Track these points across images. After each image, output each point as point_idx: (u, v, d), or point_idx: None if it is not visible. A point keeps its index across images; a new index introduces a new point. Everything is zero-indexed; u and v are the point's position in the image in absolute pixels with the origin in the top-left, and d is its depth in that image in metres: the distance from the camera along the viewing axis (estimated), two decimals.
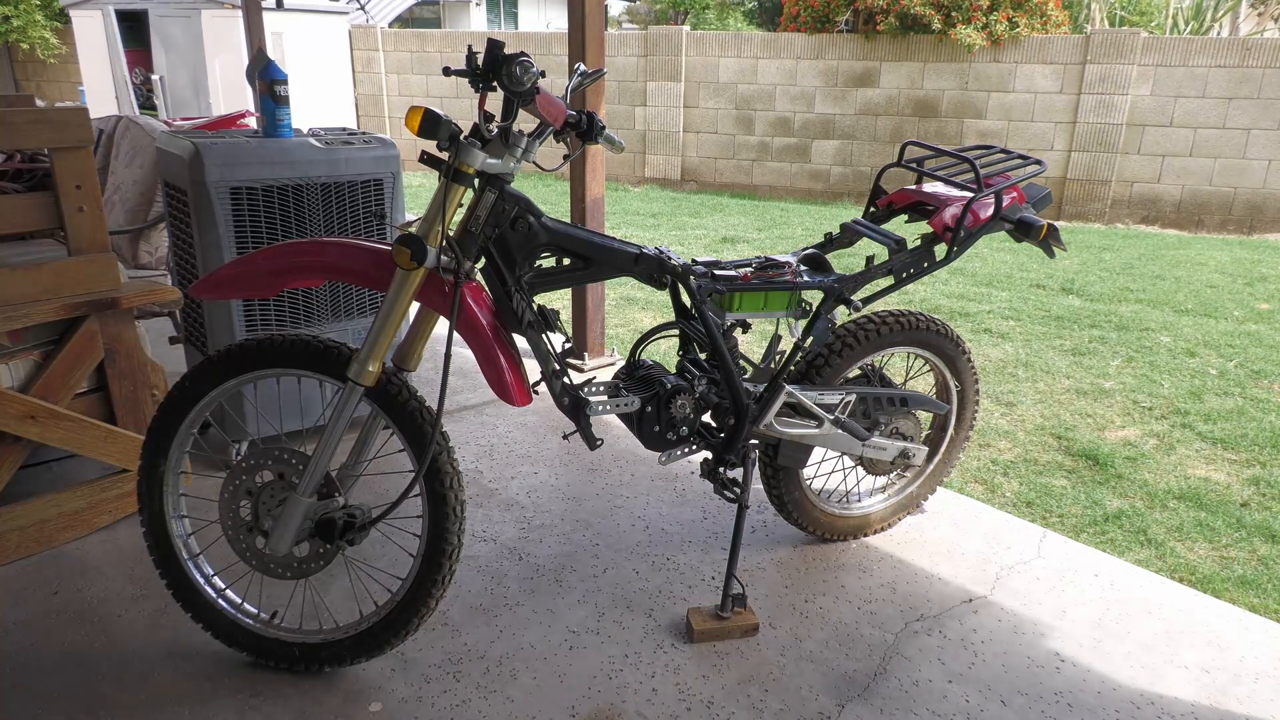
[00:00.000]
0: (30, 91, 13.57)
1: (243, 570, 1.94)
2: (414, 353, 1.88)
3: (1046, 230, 2.16)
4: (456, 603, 2.25)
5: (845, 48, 9.50)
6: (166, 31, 9.79)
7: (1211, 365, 4.56)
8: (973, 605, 2.29)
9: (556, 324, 1.94)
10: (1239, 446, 3.59)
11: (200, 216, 2.69)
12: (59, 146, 2.29)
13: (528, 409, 3.43)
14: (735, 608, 2.17)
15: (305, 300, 2.93)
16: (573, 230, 1.95)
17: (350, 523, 1.83)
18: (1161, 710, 1.95)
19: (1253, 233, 8.37)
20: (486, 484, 2.88)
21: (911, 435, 2.48)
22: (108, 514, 2.52)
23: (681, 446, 2.17)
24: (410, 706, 1.90)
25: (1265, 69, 7.97)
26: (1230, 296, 5.95)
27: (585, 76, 2.07)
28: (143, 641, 2.08)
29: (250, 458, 1.85)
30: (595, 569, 2.42)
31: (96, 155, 3.40)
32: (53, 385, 2.36)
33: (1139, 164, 8.62)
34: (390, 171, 3.00)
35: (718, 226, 8.02)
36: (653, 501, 2.79)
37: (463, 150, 1.73)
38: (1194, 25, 11.61)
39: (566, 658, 2.07)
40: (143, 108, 9.92)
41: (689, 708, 1.92)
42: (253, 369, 1.85)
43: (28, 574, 2.32)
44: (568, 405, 2.01)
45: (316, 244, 1.89)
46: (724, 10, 19.05)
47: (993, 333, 5.02)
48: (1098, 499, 3.12)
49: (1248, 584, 2.63)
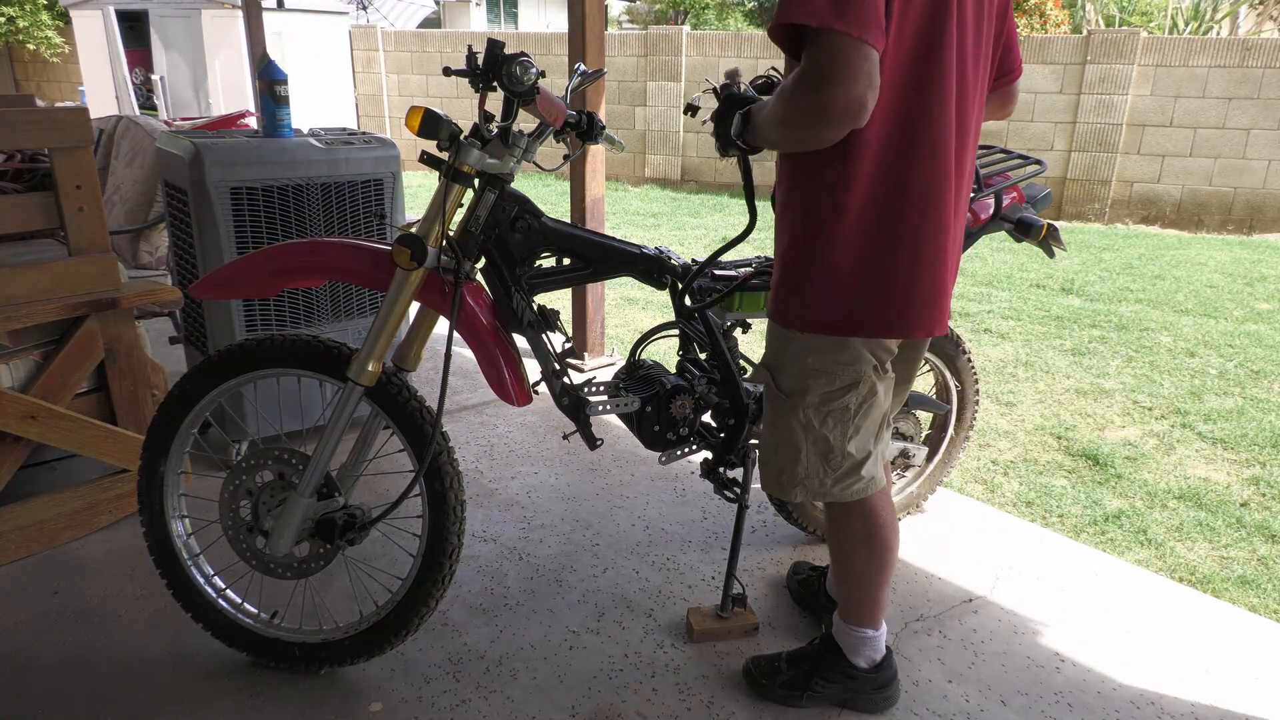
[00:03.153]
0: (30, 91, 13.56)
1: (243, 570, 1.94)
2: (414, 353, 1.88)
3: (1046, 230, 2.16)
4: (456, 603, 2.25)
5: None
6: (167, 31, 9.80)
7: (1211, 365, 4.56)
8: (973, 605, 2.29)
9: (556, 324, 1.94)
10: (1239, 446, 3.59)
11: (200, 216, 2.69)
12: (59, 146, 2.29)
13: (528, 409, 3.43)
14: (735, 608, 2.17)
15: (305, 300, 2.93)
16: (573, 230, 1.95)
17: (350, 523, 1.83)
18: (1161, 710, 1.95)
19: (1253, 233, 8.37)
20: (486, 484, 2.88)
21: (911, 435, 2.48)
22: (108, 514, 2.52)
23: (681, 446, 2.17)
24: (410, 706, 1.90)
25: (1265, 69, 7.97)
26: (1230, 296, 5.95)
27: (585, 76, 2.07)
28: (143, 641, 2.08)
29: (250, 458, 1.85)
30: (595, 569, 2.42)
31: (96, 155, 3.40)
32: (53, 385, 2.36)
33: (1139, 164, 8.62)
34: (390, 171, 3.00)
35: (718, 226, 8.02)
36: (653, 501, 2.79)
37: (463, 150, 1.73)
38: (1194, 26, 11.61)
39: (566, 658, 2.07)
40: (143, 108, 9.92)
41: (689, 708, 1.92)
42: (253, 369, 1.85)
43: (28, 574, 2.32)
44: (568, 405, 2.01)
45: (316, 244, 1.89)
46: (724, 10, 19.05)
47: (993, 333, 5.02)
48: (1097, 499, 3.12)
49: (1248, 584, 2.64)
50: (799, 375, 1.65)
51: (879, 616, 1.88)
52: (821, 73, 1.32)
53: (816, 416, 1.67)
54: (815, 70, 1.32)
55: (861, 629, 1.87)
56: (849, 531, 1.80)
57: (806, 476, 1.72)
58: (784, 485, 1.75)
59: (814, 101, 1.33)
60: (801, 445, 1.69)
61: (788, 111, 1.40)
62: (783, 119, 1.43)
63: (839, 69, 1.30)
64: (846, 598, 1.88)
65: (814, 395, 1.65)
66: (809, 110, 1.35)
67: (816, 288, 1.56)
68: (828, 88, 1.31)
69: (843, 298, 1.55)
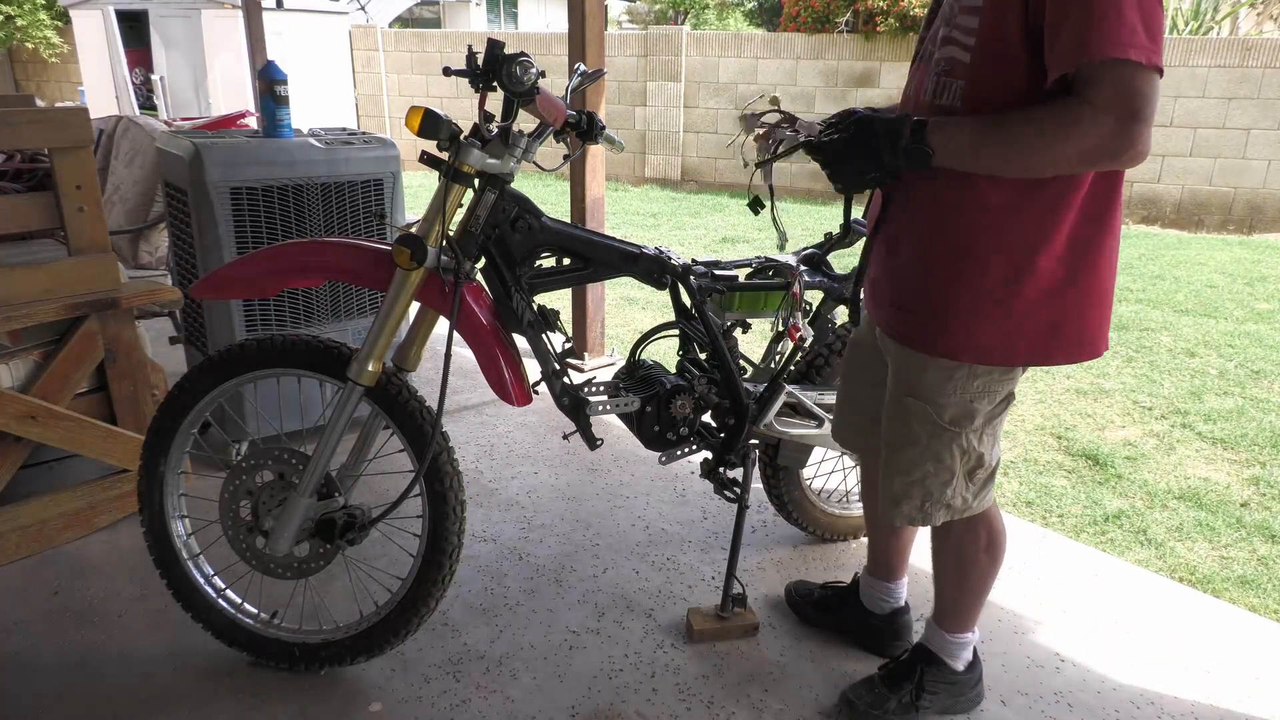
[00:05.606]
0: (30, 91, 13.56)
1: (243, 570, 1.94)
2: (414, 353, 1.88)
3: None
4: (456, 603, 2.25)
5: (845, 48, 9.50)
6: (167, 31, 9.79)
7: (1211, 365, 4.56)
8: None
9: (556, 324, 1.94)
10: (1239, 446, 3.59)
11: (200, 216, 2.69)
12: (59, 146, 2.29)
13: (528, 409, 3.42)
14: (735, 608, 2.17)
15: (305, 300, 2.93)
16: (573, 230, 1.95)
17: (350, 523, 1.83)
18: (1161, 710, 1.95)
19: (1253, 233, 8.37)
20: (486, 484, 2.88)
21: None
22: (108, 514, 2.52)
23: (681, 446, 2.17)
24: (410, 706, 1.90)
25: (1265, 69, 7.97)
26: (1230, 296, 5.95)
27: (585, 76, 2.07)
28: (143, 641, 2.08)
29: (250, 458, 1.85)
30: (595, 569, 2.42)
31: (96, 155, 3.40)
32: (53, 385, 2.35)
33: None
34: (390, 171, 2.99)
35: (718, 226, 8.02)
36: (653, 501, 2.78)
37: (463, 150, 1.72)
38: (1194, 26, 11.61)
39: (566, 658, 2.07)
40: (143, 108, 9.91)
41: (689, 708, 1.92)
42: (253, 369, 1.85)
43: (28, 574, 2.32)
44: (567, 405, 2.01)
45: (316, 244, 1.89)
46: (724, 10, 19.05)
47: None
48: (1098, 499, 3.12)
49: (1248, 584, 2.63)
50: (964, 402, 1.58)
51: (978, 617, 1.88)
52: (1133, 110, 1.26)
53: (977, 437, 1.62)
54: (1126, 106, 1.26)
55: (965, 634, 1.87)
56: (972, 542, 1.76)
57: (953, 497, 1.66)
58: (929, 513, 1.67)
59: (1115, 138, 1.27)
60: (957, 470, 1.63)
61: (1060, 142, 1.30)
62: (1039, 146, 1.32)
63: (1151, 109, 1.26)
64: (954, 606, 1.85)
65: (980, 419, 1.60)
66: (1101, 147, 1.28)
67: (1018, 320, 1.48)
68: (1136, 126, 1.26)
69: (1038, 329, 1.49)
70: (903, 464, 1.66)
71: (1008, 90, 1.38)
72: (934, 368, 1.57)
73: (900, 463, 1.67)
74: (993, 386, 1.58)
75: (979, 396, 1.58)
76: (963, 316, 1.51)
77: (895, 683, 1.89)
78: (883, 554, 2.07)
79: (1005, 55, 1.37)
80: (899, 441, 1.66)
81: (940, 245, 1.52)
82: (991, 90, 1.40)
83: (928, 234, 1.53)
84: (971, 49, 1.41)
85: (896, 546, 2.06)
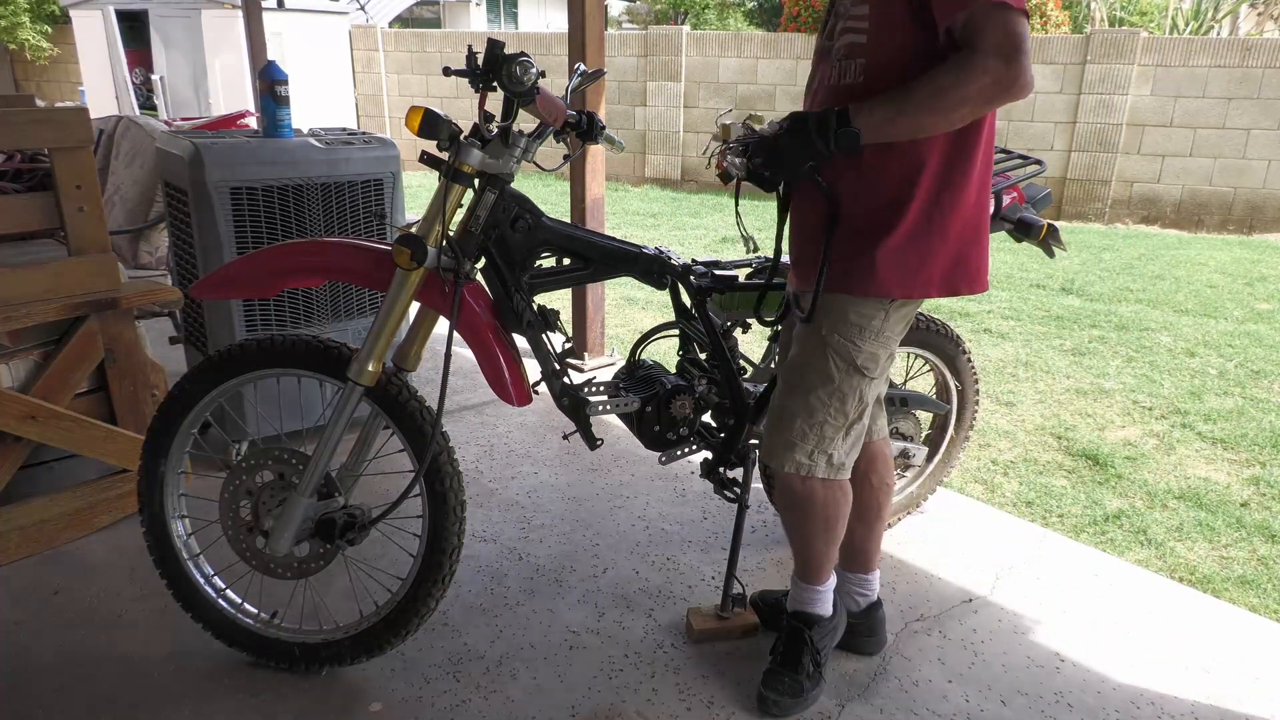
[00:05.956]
0: (30, 91, 13.55)
1: (243, 570, 1.94)
2: (414, 353, 1.88)
3: (1046, 230, 2.16)
4: (456, 603, 2.25)
5: None
6: (166, 31, 9.79)
7: (1211, 365, 4.56)
8: (973, 605, 2.29)
9: (556, 324, 1.94)
10: (1239, 446, 3.59)
11: (200, 216, 2.69)
12: (59, 146, 2.29)
13: (528, 409, 3.42)
14: (735, 608, 2.17)
15: (305, 300, 2.93)
16: (573, 230, 1.95)
17: (350, 523, 1.83)
18: (1161, 710, 1.95)
19: (1253, 233, 8.37)
20: (486, 484, 2.88)
21: (911, 435, 2.48)
22: (108, 514, 2.52)
23: (681, 446, 2.17)
24: (410, 706, 1.90)
25: (1265, 69, 7.97)
26: (1230, 296, 5.95)
27: (585, 76, 2.07)
28: (143, 641, 2.08)
29: (250, 458, 1.85)
30: (595, 569, 2.42)
31: (96, 155, 3.40)
32: (53, 385, 2.36)
33: (1139, 164, 8.62)
34: (390, 171, 3.00)
35: (718, 226, 8.02)
36: (653, 501, 2.79)
37: (463, 150, 1.73)
38: (1194, 26, 11.61)
39: (566, 658, 2.07)
40: (143, 108, 9.91)
41: (689, 708, 1.92)
42: (253, 369, 1.85)
43: (28, 574, 2.32)
44: (567, 405, 2.01)
45: (316, 244, 1.89)
46: (724, 10, 19.05)
47: (993, 333, 5.01)
48: (1098, 499, 3.12)
49: (1248, 584, 2.63)
50: (876, 347, 1.73)
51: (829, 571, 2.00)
52: (1015, 46, 1.44)
53: (869, 386, 1.76)
54: (1004, 45, 1.44)
55: (829, 582, 2.00)
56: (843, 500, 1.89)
57: (834, 448, 1.80)
58: (815, 461, 1.80)
59: (1004, 74, 1.45)
60: (850, 416, 1.78)
61: (961, 89, 1.47)
62: (945, 98, 1.49)
63: (1028, 45, 1.46)
64: (822, 559, 1.96)
65: (881, 363, 1.76)
66: (996, 84, 1.46)
67: (936, 253, 1.67)
68: (1022, 59, 1.45)
69: (948, 259, 1.69)
70: (810, 404, 1.77)
71: (901, 59, 1.57)
72: (849, 307, 1.71)
73: (808, 404, 1.77)
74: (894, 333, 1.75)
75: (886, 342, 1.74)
76: (882, 257, 1.68)
77: (794, 661, 1.93)
78: (861, 543, 2.06)
79: (895, 27, 1.57)
80: (813, 380, 1.76)
81: (864, 201, 1.68)
82: (888, 62, 1.59)
83: (851, 198, 1.69)
84: (866, 30, 1.60)
85: (873, 534, 2.06)
